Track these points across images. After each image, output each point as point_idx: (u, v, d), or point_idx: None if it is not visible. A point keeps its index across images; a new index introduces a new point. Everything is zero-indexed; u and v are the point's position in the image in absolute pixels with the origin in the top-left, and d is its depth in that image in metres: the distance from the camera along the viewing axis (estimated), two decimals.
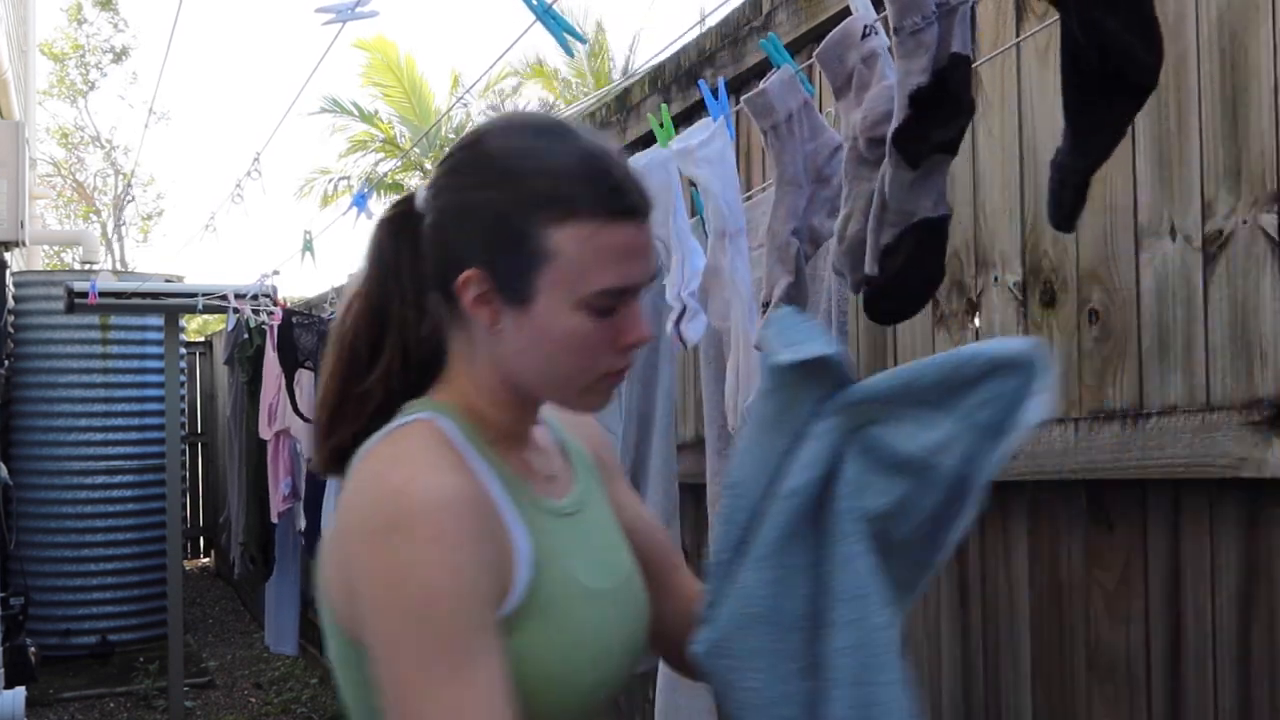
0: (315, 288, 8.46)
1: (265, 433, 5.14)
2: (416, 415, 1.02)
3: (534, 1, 1.79)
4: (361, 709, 1.02)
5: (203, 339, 10.05)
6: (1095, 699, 1.63)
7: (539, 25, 1.81)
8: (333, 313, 4.25)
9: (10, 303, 6.51)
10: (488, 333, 1.01)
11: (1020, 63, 1.72)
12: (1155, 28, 1.00)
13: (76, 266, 9.07)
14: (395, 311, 1.05)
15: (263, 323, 5.15)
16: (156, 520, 6.60)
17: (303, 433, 4.61)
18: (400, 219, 1.06)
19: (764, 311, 1.44)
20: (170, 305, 5.68)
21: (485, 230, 0.99)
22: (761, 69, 2.16)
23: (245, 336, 5.56)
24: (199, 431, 9.33)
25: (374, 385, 1.05)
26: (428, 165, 16.55)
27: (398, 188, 16.27)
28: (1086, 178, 1.05)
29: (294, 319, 4.49)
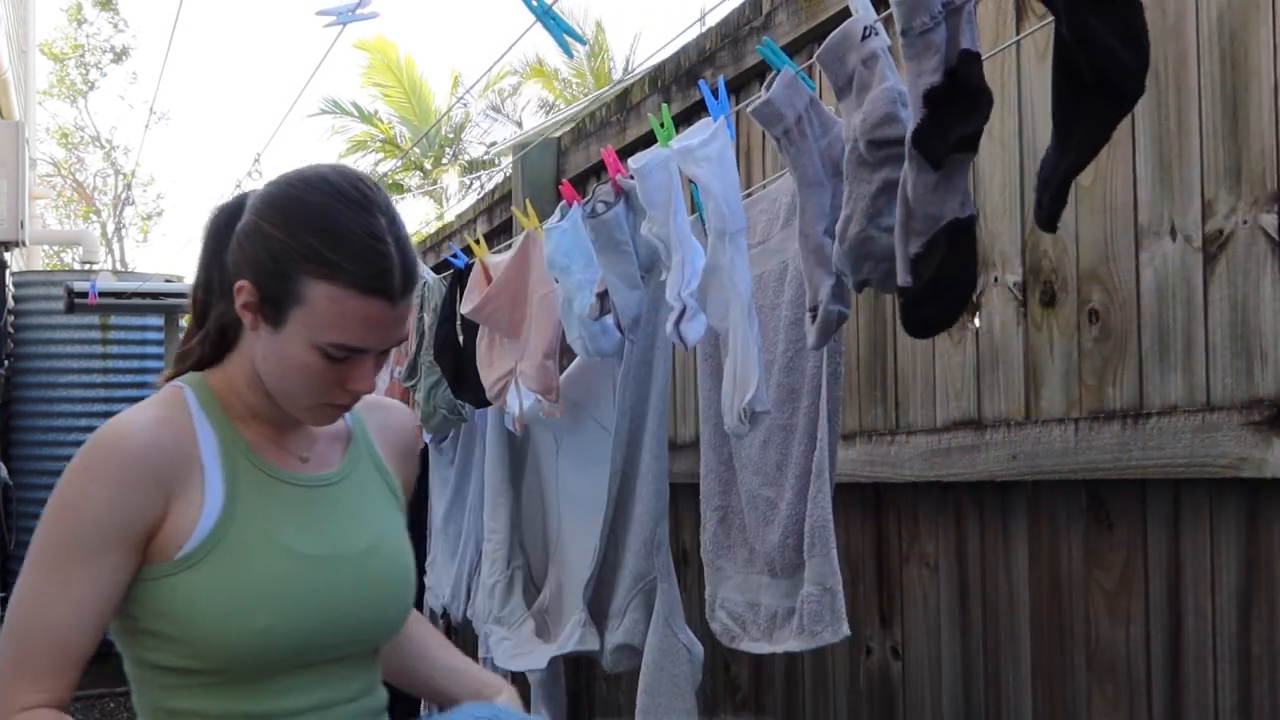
0: None
1: None
2: (175, 383, 1.24)
3: (534, 2, 1.79)
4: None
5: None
6: (1095, 699, 1.63)
7: (539, 25, 1.81)
8: None
9: (10, 303, 6.52)
10: (250, 332, 1.20)
11: (1020, 63, 1.72)
12: (1143, 36, 1.00)
13: (76, 266, 9.07)
14: (213, 289, 1.23)
15: None
16: None
17: None
18: (232, 213, 1.22)
19: (813, 317, 1.43)
20: (170, 305, 5.69)
21: (263, 258, 1.16)
22: (762, 69, 2.16)
23: None
24: None
25: (195, 346, 1.26)
26: (427, 165, 16.55)
27: (398, 188, 16.27)
28: (1068, 179, 1.05)
29: None
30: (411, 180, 16.58)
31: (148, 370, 6.85)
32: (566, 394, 2.29)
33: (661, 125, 1.65)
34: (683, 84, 2.50)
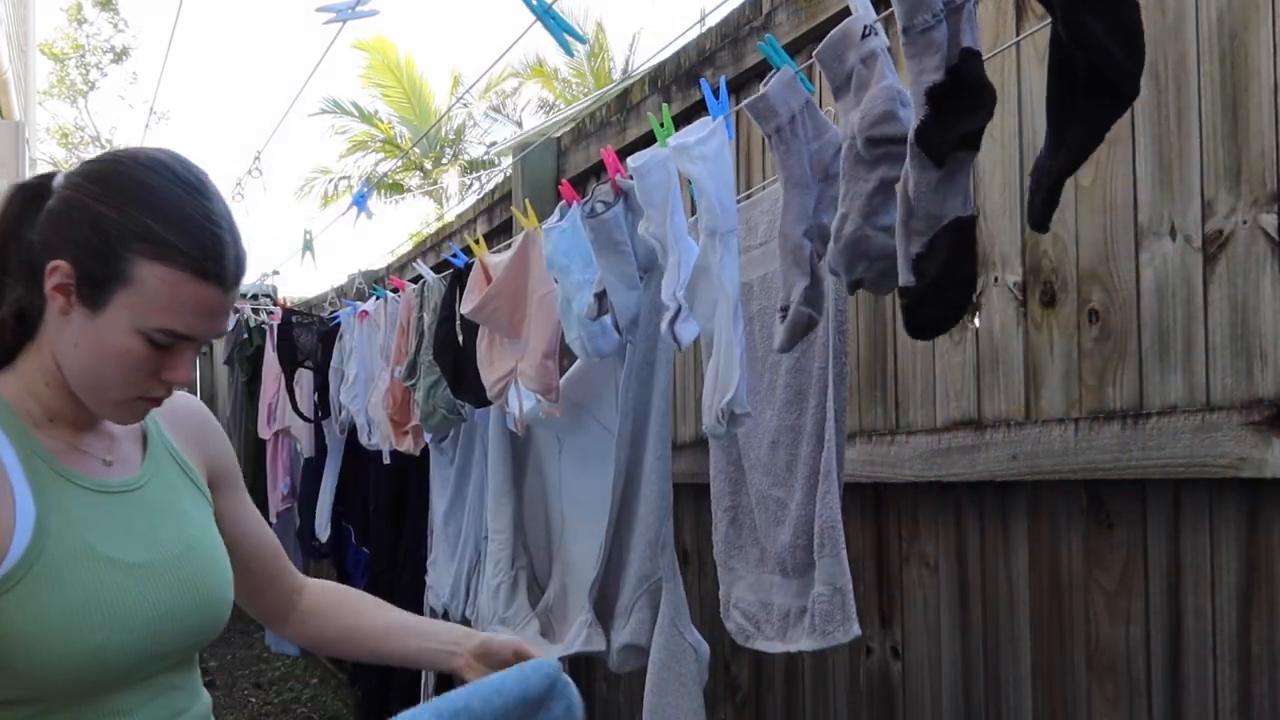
0: (315, 287, 8.46)
1: (265, 432, 5.14)
2: None
3: (534, 1, 1.79)
4: None
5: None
6: (1095, 699, 1.63)
7: (539, 25, 1.81)
8: (333, 312, 4.25)
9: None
10: (58, 317, 1.13)
11: (1020, 63, 1.72)
12: (1139, 35, 1.00)
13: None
14: (11, 273, 1.16)
15: (262, 322, 5.15)
16: None
17: (303, 432, 4.61)
18: (35, 191, 1.16)
19: (783, 315, 1.43)
20: None
21: (88, 236, 1.10)
22: (762, 69, 2.16)
23: (245, 336, 5.56)
24: None
25: None
26: (428, 165, 16.55)
27: (398, 188, 16.27)
28: (1061, 179, 1.05)
29: (293, 319, 4.49)
30: (412, 180, 16.58)
31: None
32: (568, 395, 2.29)
33: (661, 125, 1.65)
34: (683, 84, 2.50)
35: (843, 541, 1.65)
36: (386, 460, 3.49)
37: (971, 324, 1.82)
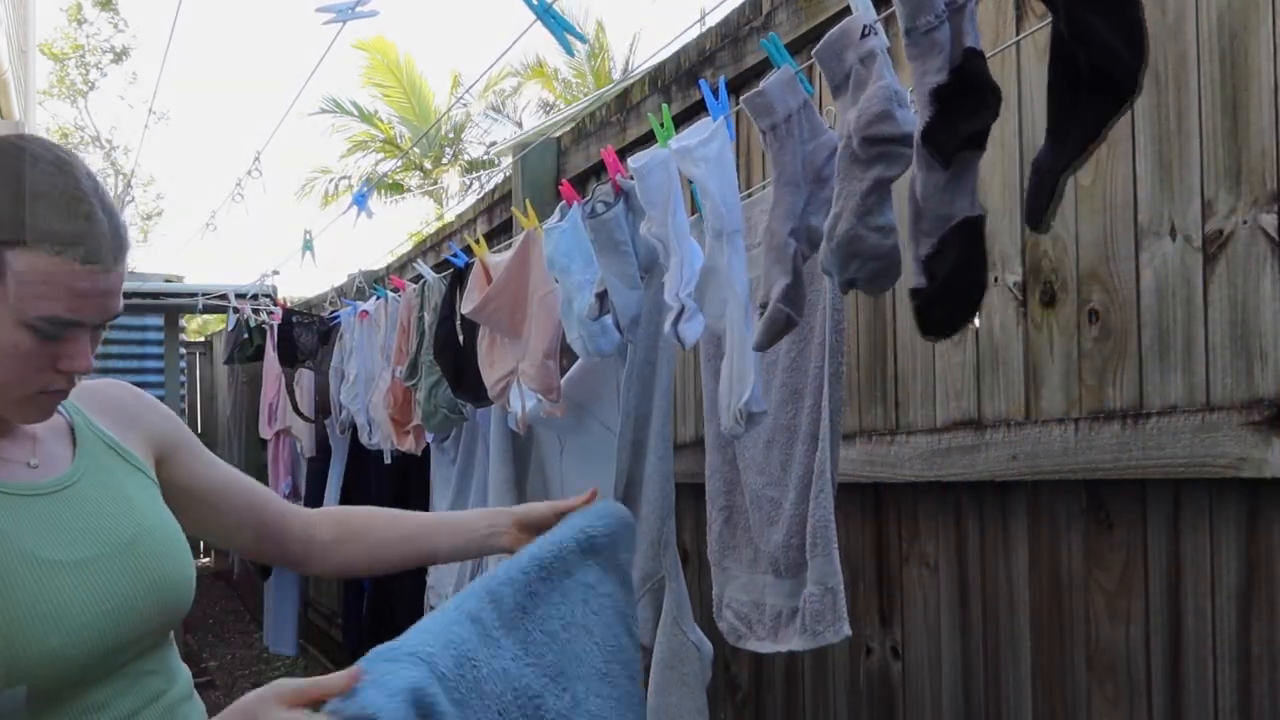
0: (315, 287, 8.46)
1: (265, 432, 5.14)
2: None
3: (534, 1, 1.79)
4: None
5: (203, 339, 10.05)
6: (1095, 699, 1.63)
7: (539, 25, 1.81)
8: (333, 312, 4.25)
9: None
10: None
11: (1020, 62, 1.72)
12: (1142, 33, 1.00)
13: None
14: None
15: (263, 322, 5.15)
16: None
17: (303, 432, 4.61)
18: None
19: (761, 311, 1.44)
20: (170, 305, 5.68)
21: None
22: (761, 69, 2.16)
23: (245, 336, 5.56)
24: (199, 431, 9.34)
25: None
26: (427, 165, 16.55)
27: (398, 187, 16.26)
28: (1060, 177, 1.05)
29: (294, 318, 4.49)
30: (411, 180, 16.57)
31: (148, 370, 6.86)
32: (570, 395, 2.29)
33: (661, 125, 1.65)
34: (683, 84, 2.50)
35: (835, 541, 1.65)
36: (388, 460, 3.49)
37: (971, 324, 1.82)
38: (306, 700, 1.01)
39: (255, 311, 5.27)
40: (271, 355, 4.79)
